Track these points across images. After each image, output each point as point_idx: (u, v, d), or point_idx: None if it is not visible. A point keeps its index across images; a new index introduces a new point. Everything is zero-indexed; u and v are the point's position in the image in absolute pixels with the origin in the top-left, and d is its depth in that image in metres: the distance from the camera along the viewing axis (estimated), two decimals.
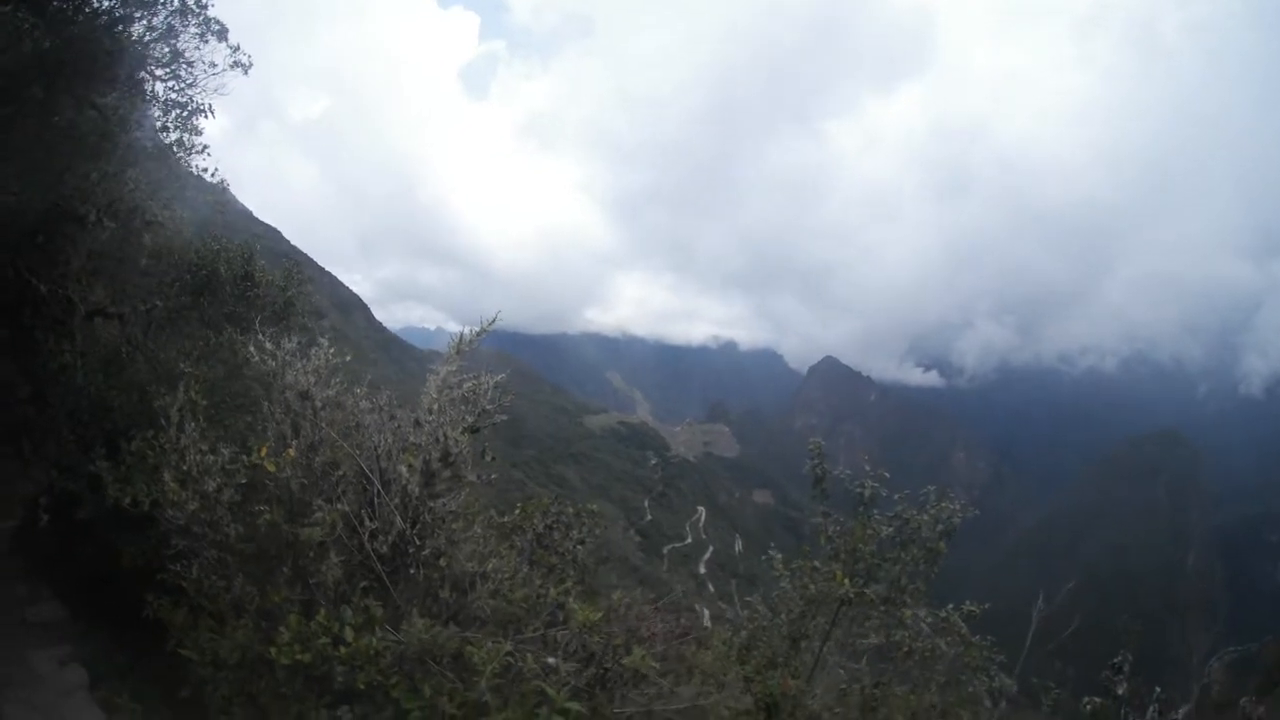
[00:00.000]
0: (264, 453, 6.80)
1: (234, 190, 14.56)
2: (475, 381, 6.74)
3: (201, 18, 11.95)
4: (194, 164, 12.94)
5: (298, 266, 13.95)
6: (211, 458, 6.92)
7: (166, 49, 11.91)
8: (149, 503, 6.94)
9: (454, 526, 6.65)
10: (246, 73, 12.54)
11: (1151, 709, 8.65)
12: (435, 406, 6.85)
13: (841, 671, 9.05)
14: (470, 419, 6.63)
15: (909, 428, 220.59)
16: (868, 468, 9.72)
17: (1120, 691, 8.72)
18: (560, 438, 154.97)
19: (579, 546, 8.59)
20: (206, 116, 12.53)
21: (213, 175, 13.15)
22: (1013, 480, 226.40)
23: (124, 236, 11.55)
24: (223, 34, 12.18)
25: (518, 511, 8.16)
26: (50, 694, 7.79)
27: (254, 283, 12.32)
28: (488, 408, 6.70)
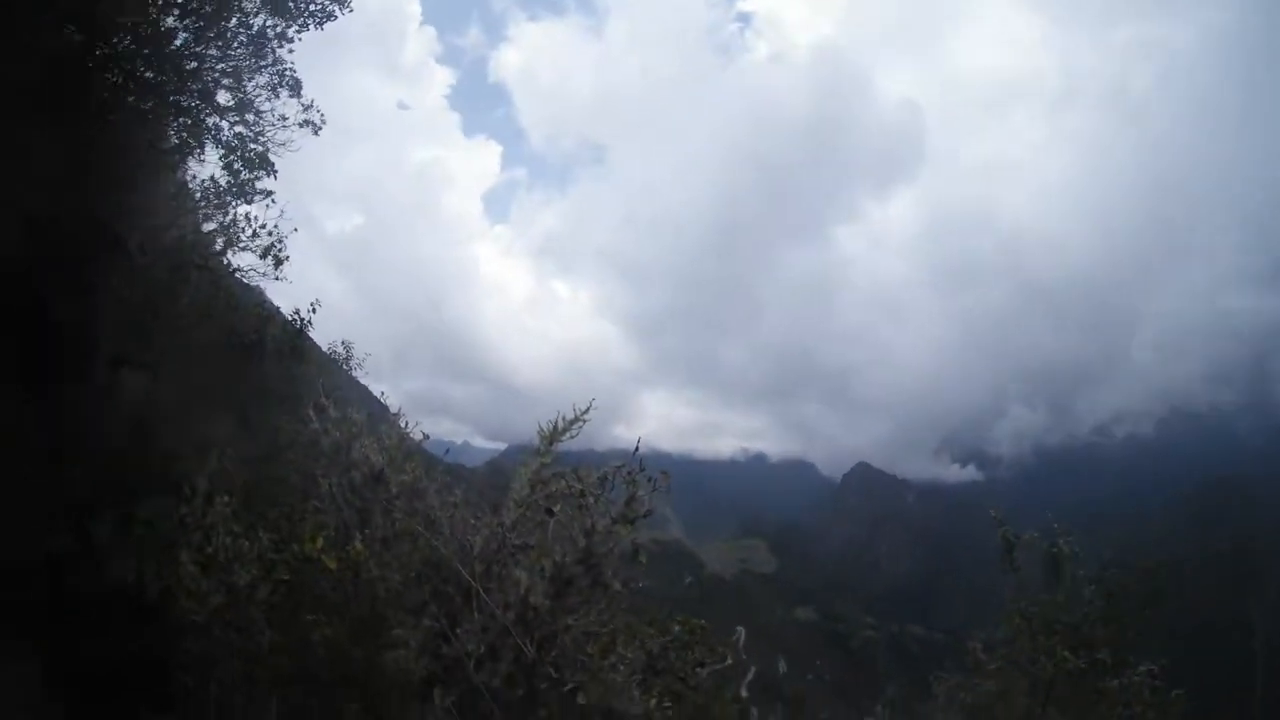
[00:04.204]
0: (318, 544, 5.07)
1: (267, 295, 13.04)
2: (621, 466, 4.99)
3: (276, 69, 11.10)
4: (252, 215, 11.59)
5: (348, 347, 12.92)
6: (246, 543, 5.28)
7: (233, 99, 10.94)
8: (159, 586, 5.41)
9: (590, 651, 4.80)
10: (317, 132, 11.61)
11: None
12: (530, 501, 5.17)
13: None
14: (615, 511, 4.83)
15: (952, 527, 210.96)
16: (1056, 525, 8.38)
17: None
18: None
19: (699, 670, 6.76)
20: (270, 175, 11.44)
21: (270, 232, 11.66)
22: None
23: (167, 283, 10.27)
24: (296, 88, 11.33)
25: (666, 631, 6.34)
26: None
27: (301, 360, 11.06)
28: (639, 494, 4.89)
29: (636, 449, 5.17)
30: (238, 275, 11.79)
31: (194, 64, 10.22)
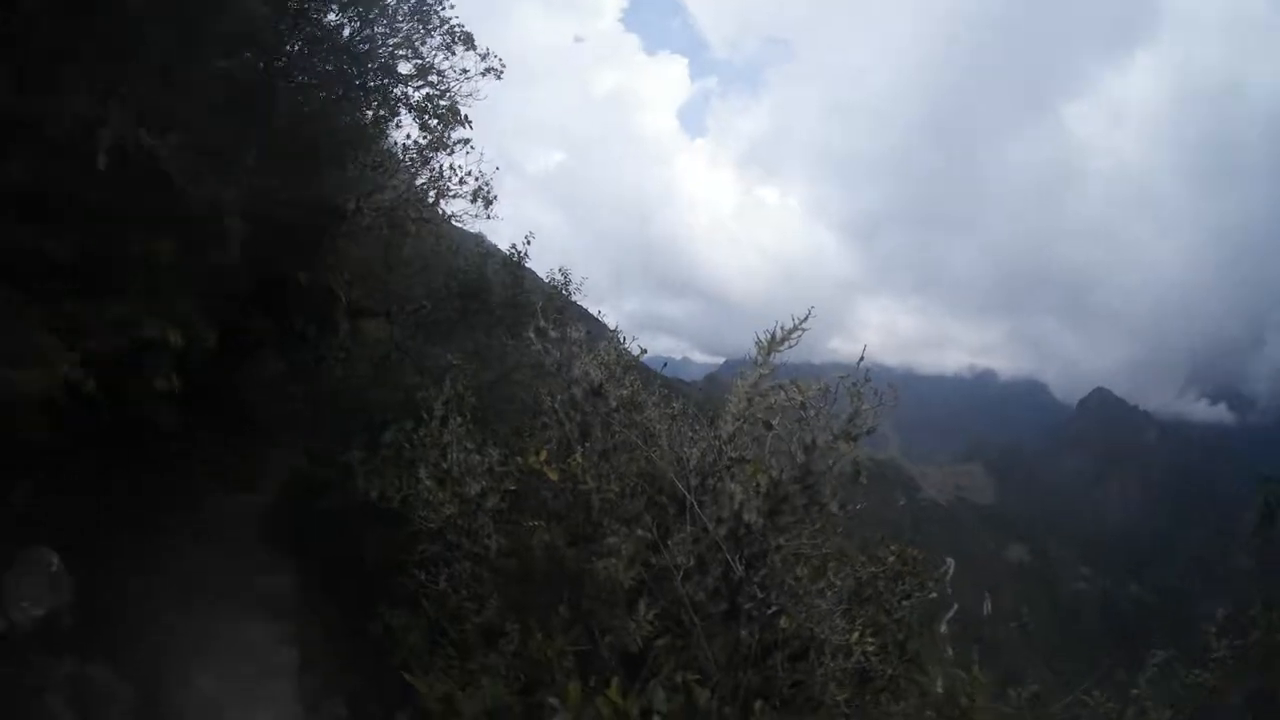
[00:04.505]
0: (543, 456, 5.44)
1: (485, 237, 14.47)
2: (844, 378, 4.84)
3: (445, 29, 11.87)
4: (456, 165, 12.54)
5: (565, 274, 13.51)
6: (477, 458, 5.77)
7: (413, 66, 11.93)
8: (399, 499, 6.01)
9: (798, 574, 4.78)
10: (499, 77, 12.36)
11: None
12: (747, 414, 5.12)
13: None
14: (836, 426, 4.71)
15: (1192, 473, 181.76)
16: None
17: None
18: None
19: (904, 602, 6.51)
20: (463, 125, 12.29)
21: (475, 176, 12.57)
22: None
23: (390, 238, 11.81)
24: (469, 41, 12.04)
25: (880, 559, 6.18)
26: (254, 671, 7.41)
27: (523, 289, 11.89)
28: (864, 408, 4.74)
29: (861, 359, 4.96)
30: (454, 221, 13.01)
31: (365, 46, 11.29)
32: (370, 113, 11.91)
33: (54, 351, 6.32)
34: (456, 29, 11.86)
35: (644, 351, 6.67)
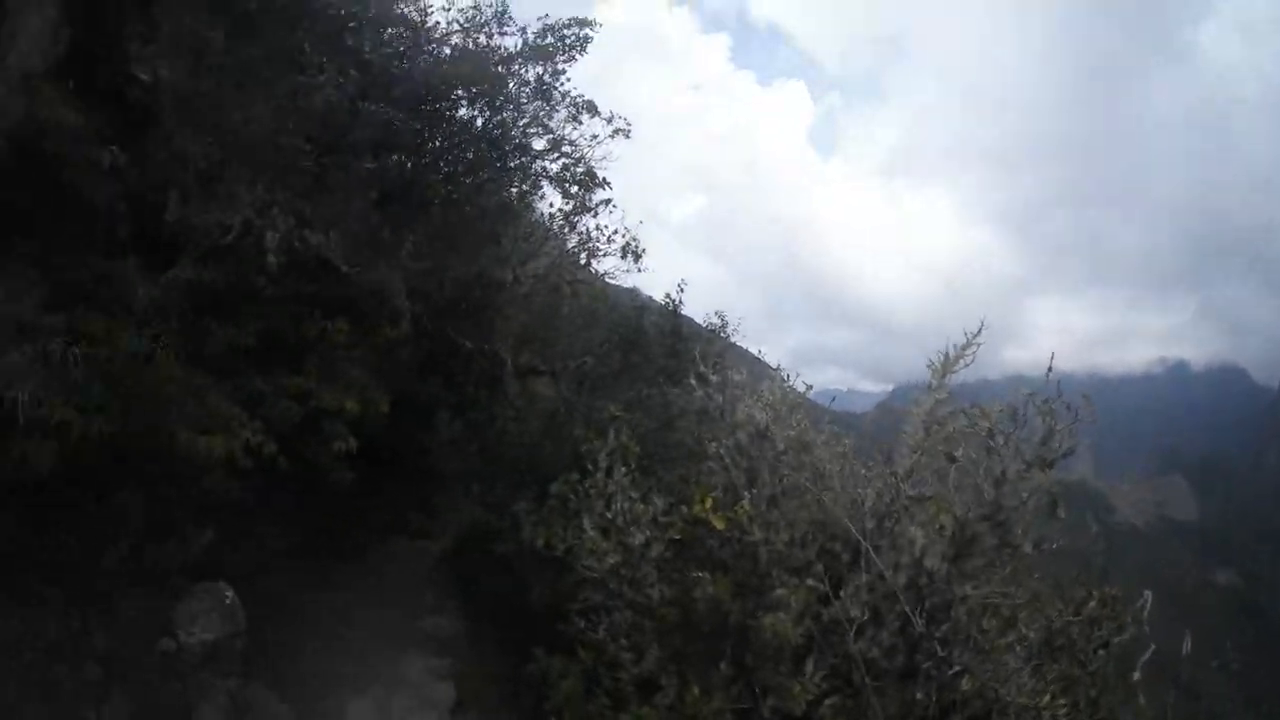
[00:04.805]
0: (708, 504, 5.34)
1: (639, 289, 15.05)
2: (1032, 394, 4.41)
3: (567, 102, 12.47)
4: (602, 224, 13.35)
5: (722, 316, 13.60)
6: (641, 507, 5.75)
7: (545, 141, 12.69)
8: (564, 548, 6.14)
9: (985, 627, 4.39)
10: (628, 137, 12.98)
11: None
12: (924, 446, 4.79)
13: None
14: (1028, 452, 4.32)
15: None
16: None
17: None
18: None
19: (1100, 651, 5.85)
20: (602, 187, 12.99)
21: (622, 233, 13.32)
22: None
23: (551, 303, 12.78)
24: (592, 109, 12.64)
25: (1079, 605, 5.59)
26: (407, 703, 7.87)
27: (681, 336, 12.10)
28: (1058, 428, 4.33)
29: (1049, 369, 4.53)
30: (607, 279, 13.78)
31: (498, 131, 12.10)
32: (515, 189, 12.81)
33: (237, 421, 6.99)
34: (579, 99, 12.49)
35: (809, 387, 6.51)
